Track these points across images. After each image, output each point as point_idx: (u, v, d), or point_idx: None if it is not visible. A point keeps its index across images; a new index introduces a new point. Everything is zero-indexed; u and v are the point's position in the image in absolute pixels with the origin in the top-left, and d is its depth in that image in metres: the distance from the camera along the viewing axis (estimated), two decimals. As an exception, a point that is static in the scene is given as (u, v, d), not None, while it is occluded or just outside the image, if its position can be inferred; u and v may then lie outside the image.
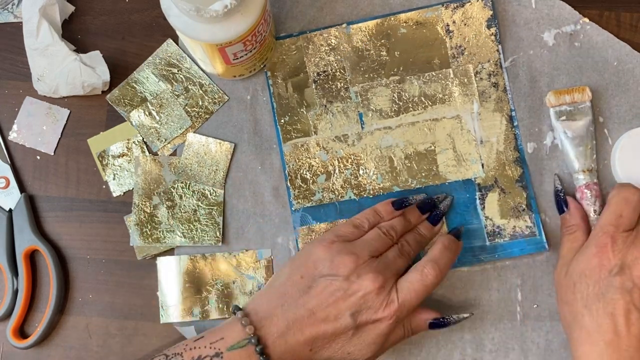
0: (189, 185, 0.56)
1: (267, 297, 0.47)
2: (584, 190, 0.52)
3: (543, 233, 0.53)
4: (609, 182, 0.54)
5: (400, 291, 0.46)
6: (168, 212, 0.55)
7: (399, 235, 0.50)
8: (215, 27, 0.46)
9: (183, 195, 0.56)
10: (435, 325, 0.49)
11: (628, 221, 0.47)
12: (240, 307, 0.47)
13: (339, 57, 0.56)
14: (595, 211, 0.51)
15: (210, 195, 0.55)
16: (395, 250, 0.49)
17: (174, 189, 0.56)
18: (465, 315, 0.50)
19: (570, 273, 0.48)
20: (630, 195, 0.48)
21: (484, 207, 0.54)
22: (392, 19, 0.56)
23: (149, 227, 0.55)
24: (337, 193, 0.55)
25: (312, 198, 0.55)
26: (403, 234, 0.51)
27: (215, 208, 0.55)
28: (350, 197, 0.55)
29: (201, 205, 0.55)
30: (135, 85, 0.57)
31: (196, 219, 0.55)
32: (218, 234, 0.55)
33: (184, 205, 0.55)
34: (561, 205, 0.52)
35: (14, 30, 0.58)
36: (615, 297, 0.45)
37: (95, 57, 0.56)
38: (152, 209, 0.55)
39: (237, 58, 0.51)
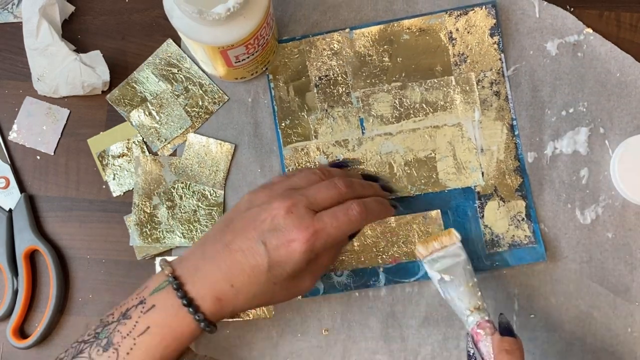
0: (189, 186, 0.56)
1: (192, 246, 0.47)
2: (477, 331, 0.46)
3: (542, 243, 0.53)
4: (607, 194, 0.54)
5: (319, 219, 0.45)
6: (168, 212, 0.55)
7: (331, 177, 0.49)
8: (218, 30, 0.46)
9: (183, 195, 0.56)
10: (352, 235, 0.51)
11: None
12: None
13: (341, 61, 0.56)
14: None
15: (211, 195, 0.55)
16: (320, 184, 0.47)
17: (174, 189, 0.56)
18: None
19: None
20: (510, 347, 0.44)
21: (483, 216, 0.54)
22: (396, 25, 0.56)
23: (149, 227, 0.55)
24: (336, 198, 0.55)
25: (311, 202, 0.55)
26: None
27: (215, 209, 0.55)
28: (349, 202, 0.55)
29: (201, 205, 0.55)
30: (135, 85, 0.57)
31: (196, 219, 0.55)
32: None
33: (184, 205, 0.55)
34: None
35: (14, 30, 0.58)
36: None
37: (95, 57, 0.56)
38: (152, 209, 0.55)
39: (239, 61, 0.51)
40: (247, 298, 0.44)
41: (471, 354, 0.46)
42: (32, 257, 0.56)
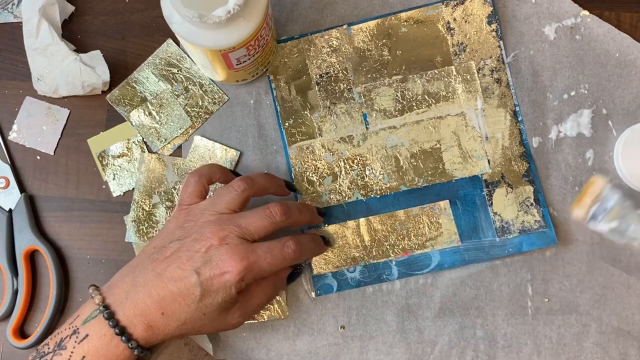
0: None
1: (121, 272, 0.48)
2: None
3: (552, 227, 0.53)
4: (614, 174, 0.54)
5: (253, 251, 0.46)
6: (167, 212, 0.55)
7: (257, 187, 0.49)
8: (219, 33, 0.46)
9: None
10: (291, 275, 0.52)
11: None
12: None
13: (341, 58, 0.56)
14: None
15: None
16: (256, 211, 0.48)
17: (175, 189, 0.56)
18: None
19: None
20: None
21: (491, 204, 0.54)
22: (393, 18, 0.56)
23: (146, 225, 0.55)
24: (344, 194, 0.55)
25: (319, 200, 0.55)
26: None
27: None
28: (357, 198, 0.55)
29: None
30: (135, 85, 0.57)
31: None
32: None
33: None
34: None
35: (14, 30, 0.58)
36: None
37: (96, 57, 0.56)
38: (151, 207, 0.55)
39: (240, 63, 0.50)
40: (178, 325, 0.45)
41: None
42: (32, 257, 0.56)
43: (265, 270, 0.46)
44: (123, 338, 0.44)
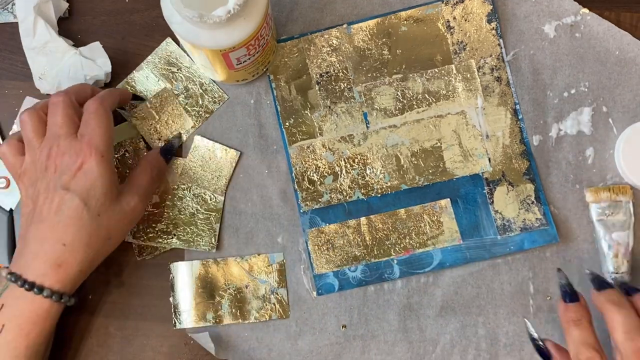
0: (190, 188, 0.56)
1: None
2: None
3: (554, 224, 0.53)
4: (614, 172, 0.54)
5: (81, 130, 0.47)
6: (166, 212, 0.55)
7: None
8: (219, 33, 0.46)
9: (183, 197, 0.55)
10: (165, 149, 0.54)
11: None
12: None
13: (341, 57, 0.56)
14: None
15: (210, 200, 0.55)
16: (55, 113, 0.48)
17: (175, 190, 0.56)
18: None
19: None
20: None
21: (492, 202, 0.54)
22: (393, 17, 0.56)
23: (145, 224, 0.55)
24: (345, 194, 0.55)
25: (320, 200, 0.55)
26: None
27: (214, 214, 0.55)
28: (358, 197, 0.55)
29: (200, 209, 0.55)
30: (135, 85, 0.57)
31: (193, 222, 0.55)
32: (213, 240, 0.55)
33: (183, 207, 0.55)
34: (543, 354, 0.48)
35: (14, 30, 0.57)
36: None
37: (95, 49, 0.56)
38: (150, 207, 0.55)
39: (241, 63, 0.50)
40: (86, 249, 0.46)
41: (534, 338, 0.49)
42: None
43: (103, 136, 0.47)
44: (35, 290, 0.44)
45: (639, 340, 0.42)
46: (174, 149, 0.55)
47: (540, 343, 0.48)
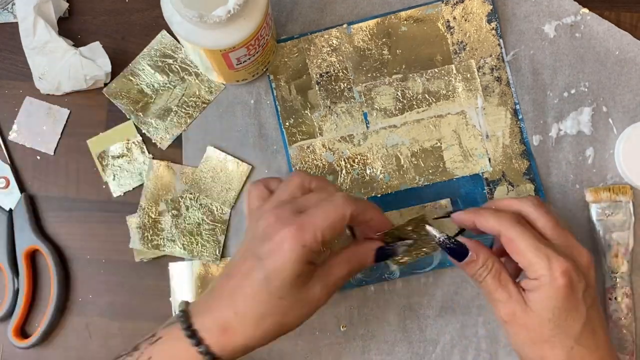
0: (197, 198, 0.55)
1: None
2: None
3: (553, 225, 0.53)
4: (614, 172, 0.54)
5: (303, 215, 0.42)
6: (172, 220, 0.55)
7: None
8: (219, 33, 0.46)
9: (190, 207, 0.55)
10: (382, 253, 0.46)
11: None
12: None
13: (341, 57, 0.56)
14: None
15: (217, 211, 0.55)
16: (311, 194, 0.45)
17: (182, 198, 0.55)
18: (409, 242, 0.47)
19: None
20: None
21: (492, 202, 0.54)
22: (393, 17, 0.56)
23: (151, 232, 0.55)
24: (345, 193, 0.55)
25: (320, 200, 0.55)
26: None
27: (220, 226, 0.55)
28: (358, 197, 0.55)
29: (206, 220, 0.55)
30: (131, 78, 0.57)
31: (199, 233, 0.55)
32: (218, 252, 0.55)
33: (189, 217, 0.55)
34: (456, 253, 0.45)
35: (14, 30, 0.57)
36: None
37: (95, 49, 0.56)
38: (157, 214, 0.55)
39: (241, 63, 0.50)
40: (256, 323, 0.42)
41: (441, 239, 0.46)
42: (33, 257, 0.56)
43: (321, 227, 0.41)
44: (193, 341, 0.42)
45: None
46: (393, 256, 0.48)
47: (448, 241, 0.45)
